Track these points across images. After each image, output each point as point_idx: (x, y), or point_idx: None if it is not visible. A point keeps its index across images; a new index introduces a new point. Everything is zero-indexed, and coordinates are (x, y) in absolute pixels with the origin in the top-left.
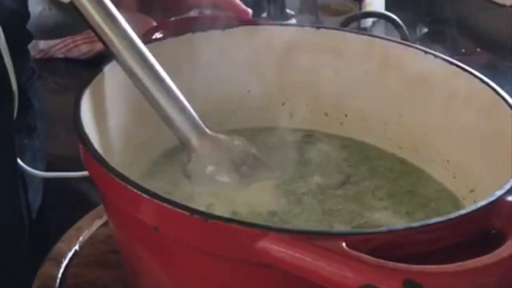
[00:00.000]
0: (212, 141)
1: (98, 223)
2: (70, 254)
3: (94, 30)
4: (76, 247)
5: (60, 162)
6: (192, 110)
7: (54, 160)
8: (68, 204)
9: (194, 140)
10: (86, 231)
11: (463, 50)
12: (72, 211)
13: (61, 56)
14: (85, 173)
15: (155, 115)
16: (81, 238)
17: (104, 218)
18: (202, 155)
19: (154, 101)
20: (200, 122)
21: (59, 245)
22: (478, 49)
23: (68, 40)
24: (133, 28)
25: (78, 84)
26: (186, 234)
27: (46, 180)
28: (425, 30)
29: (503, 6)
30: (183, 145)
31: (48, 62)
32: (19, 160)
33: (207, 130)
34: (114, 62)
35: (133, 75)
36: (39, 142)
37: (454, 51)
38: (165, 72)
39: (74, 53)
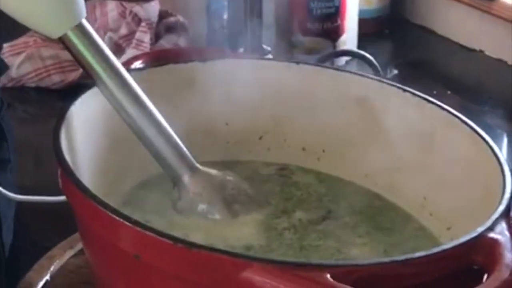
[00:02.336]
0: (203, 178)
1: (69, 253)
2: (41, 284)
3: (82, 66)
4: (47, 277)
5: (27, 193)
6: (183, 146)
7: (21, 192)
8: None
9: (186, 177)
10: (58, 261)
11: (434, 92)
12: (43, 241)
13: (33, 85)
14: (62, 198)
15: (131, 145)
16: (52, 268)
17: (76, 248)
18: (193, 193)
19: (146, 139)
20: (191, 158)
21: (30, 275)
22: (449, 92)
23: (41, 69)
24: None
25: (58, 112)
26: (168, 263)
27: (16, 217)
28: (396, 71)
29: (473, 50)
30: (174, 182)
31: (19, 91)
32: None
33: (198, 165)
34: (91, 91)
35: (124, 111)
36: (12, 175)
37: (424, 93)
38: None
39: (46, 82)
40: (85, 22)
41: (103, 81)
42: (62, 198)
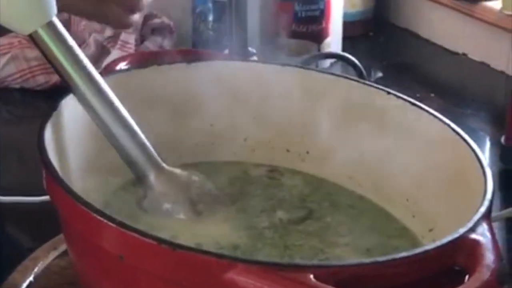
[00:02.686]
0: (169, 177)
1: (53, 254)
2: (24, 285)
3: (52, 64)
4: (31, 278)
5: (11, 194)
6: (149, 145)
7: (5, 193)
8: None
9: (151, 176)
10: (41, 262)
11: (418, 95)
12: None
13: (17, 86)
14: (44, 198)
15: (111, 149)
16: (36, 269)
17: (60, 249)
18: (158, 192)
19: (111, 135)
20: (157, 157)
21: (14, 276)
22: (432, 95)
23: (25, 70)
24: None
25: (43, 113)
26: (152, 264)
27: None
28: (380, 74)
29: (456, 53)
30: (139, 180)
31: (3, 91)
32: None
33: (164, 165)
34: None
35: (91, 109)
36: None
37: (408, 96)
38: (127, 103)
39: (31, 84)
40: (56, 20)
41: (71, 78)
42: (45, 198)
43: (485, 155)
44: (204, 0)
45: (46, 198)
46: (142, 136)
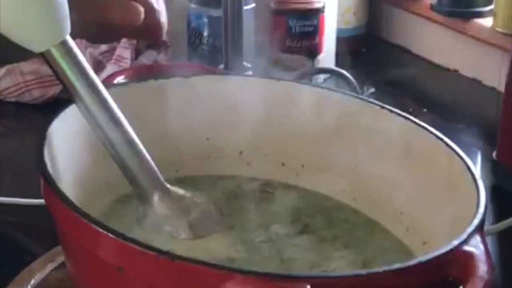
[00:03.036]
0: (171, 199)
1: (50, 266)
2: None
3: (62, 83)
4: None
5: (5, 208)
6: (153, 165)
7: None
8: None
9: (154, 197)
10: (38, 274)
11: (410, 110)
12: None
13: (12, 100)
14: (39, 201)
15: (112, 161)
16: (32, 281)
17: (57, 261)
18: (159, 214)
19: (117, 155)
20: (161, 177)
21: None
22: (424, 110)
23: (21, 84)
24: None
25: (38, 127)
26: (151, 275)
27: None
28: (372, 90)
29: (448, 70)
30: (141, 199)
31: None
32: None
33: (168, 186)
34: (74, 106)
35: (98, 128)
36: None
37: (401, 111)
38: (125, 118)
39: (26, 98)
40: (69, 39)
41: (81, 98)
42: (39, 201)
43: (477, 170)
44: (199, 15)
45: (39, 201)
46: (147, 155)
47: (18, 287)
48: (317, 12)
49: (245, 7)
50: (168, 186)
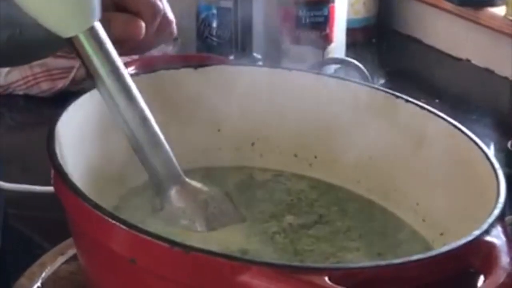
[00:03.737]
0: (188, 193)
1: (61, 259)
2: None
3: (88, 70)
4: (39, 284)
5: (14, 201)
6: (173, 158)
7: (8, 200)
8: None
9: (172, 190)
10: (49, 268)
11: (422, 100)
12: (33, 248)
13: (21, 93)
14: (49, 188)
15: (123, 152)
16: (43, 274)
17: (67, 254)
18: (176, 207)
19: (138, 146)
20: (180, 171)
21: (21, 281)
22: (436, 101)
23: (29, 76)
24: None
25: (47, 119)
26: (165, 267)
27: (5, 224)
28: (383, 81)
29: (459, 59)
30: (158, 191)
31: (7, 98)
32: None
33: (186, 179)
34: (83, 98)
35: (120, 119)
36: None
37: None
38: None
39: (35, 90)
40: (98, 25)
41: (105, 85)
42: (49, 188)
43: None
44: (209, 6)
45: (49, 188)
46: (167, 146)
47: (29, 280)
48: (327, 3)
49: None
50: (187, 179)
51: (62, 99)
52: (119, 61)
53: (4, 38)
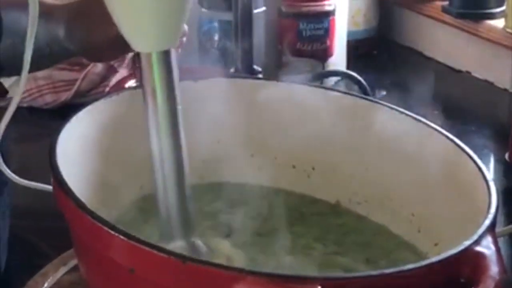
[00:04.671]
0: (191, 250)
1: (63, 270)
2: None
3: (144, 88)
4: None
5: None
6: (193, 210)
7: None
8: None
9: (176, 242)
10: (51, 278)
11: (422, 113)
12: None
13: (25, 105)
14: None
15: (123, 163)
16: (46, 285)
17: (69, 265)
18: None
19: (163, 181)
20: (194, 227)
21: None
22: (436, 112)
23: (33, 89)
24: None
25: (50, 131)
26: (163, 276)
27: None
28: (384, 92)
29: (459, 72)
30: (162, 235)
31: None
32: None
33: (196, 240)
34: (85, 110)
35: (157, 147)
36: (8, 197)
37: (413, 113)
38: (135, 119)
39: (39, 102)
40: (172, 52)
41: (156, 110)
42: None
43: (490, 171)
44: (210, 19)
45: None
46: (191, 199)
47: None
48: (328, 15)
49: (255, 11)
50: (196, 240)
51: (66, 111)
52: (178, 91)
53: (6, 45)
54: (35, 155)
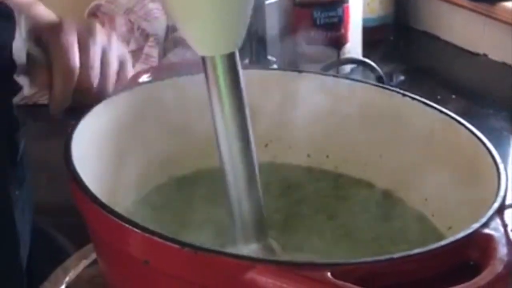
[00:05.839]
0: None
1: (84, 263)
2: None
3: (209, 92)
4: (63, 287)
5: (41, 211)
6: (263, 211)
7: (35, 210)
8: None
9: (250, 246)
10: (73, 271)
11: (439, 97)
12: (57, 253)
13: (45, 102)
14: None
15: (137, 158)
16: (67, 278)
17: (90, 258)
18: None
19: (235, 184)
20: (266, 230)
21: (46, 285)
22: (453, 96)
23: None
24: None
25: (68, 126)
26: (176, 267)
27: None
28: (401, 78)
29: (476, 54)
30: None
31: (31, 108)
32: None
33: (270, 239)
34: (99, 107)
35: (225, 151)
36: (27, 193)
37: (430, 98)
38: (149, 113)
39: None
40: (236, 54)
41: (219, 113)
42: None
43: (509, 153)
44: None
45: None
46: (262, 200)
47: (53, 284)
48: (342, 3)
49: (268, 1)
50: (271, 240)
51: (84, 109)
52: (244, 95)
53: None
54: (56, 152)
